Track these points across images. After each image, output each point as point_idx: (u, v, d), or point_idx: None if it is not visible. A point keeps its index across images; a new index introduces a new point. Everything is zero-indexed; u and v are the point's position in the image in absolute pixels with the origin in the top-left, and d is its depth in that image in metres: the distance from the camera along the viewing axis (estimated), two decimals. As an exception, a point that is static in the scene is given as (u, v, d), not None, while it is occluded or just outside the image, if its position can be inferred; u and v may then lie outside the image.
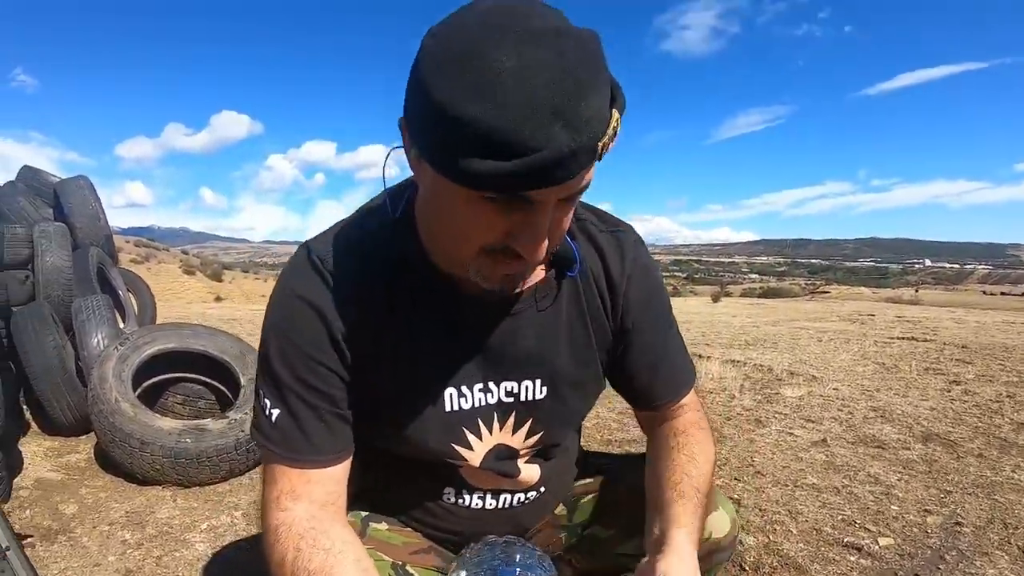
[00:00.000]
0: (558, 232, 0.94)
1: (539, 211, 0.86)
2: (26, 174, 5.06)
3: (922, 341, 7.56)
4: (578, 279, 1.18)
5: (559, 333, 1.18)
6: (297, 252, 1.12)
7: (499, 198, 0.83)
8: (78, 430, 3.56)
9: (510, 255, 0.91)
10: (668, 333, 1.29)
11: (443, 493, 1.27)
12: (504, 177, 0.76)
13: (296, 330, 1.06)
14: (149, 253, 79.08)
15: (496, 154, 0.75)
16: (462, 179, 0.80)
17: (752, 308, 18.54)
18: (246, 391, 3.35)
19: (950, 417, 4.14)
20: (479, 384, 1.16)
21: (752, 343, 7.75)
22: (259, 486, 2.93)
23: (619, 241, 1.21)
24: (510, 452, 1.23)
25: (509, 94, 0.74)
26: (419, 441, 1.16)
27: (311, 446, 1.07)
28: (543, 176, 0.77)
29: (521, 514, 1.32)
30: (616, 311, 1.21)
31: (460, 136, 0.77)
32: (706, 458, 1.21)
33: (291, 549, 1.00)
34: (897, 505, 2.73)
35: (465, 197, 0.85)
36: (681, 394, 1.29)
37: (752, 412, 4.33)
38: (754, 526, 2.54)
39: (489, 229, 0.88)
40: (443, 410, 1.15)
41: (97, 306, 3.73)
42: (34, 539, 2.44)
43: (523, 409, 1.20)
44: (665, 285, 1.32)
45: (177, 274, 66.78)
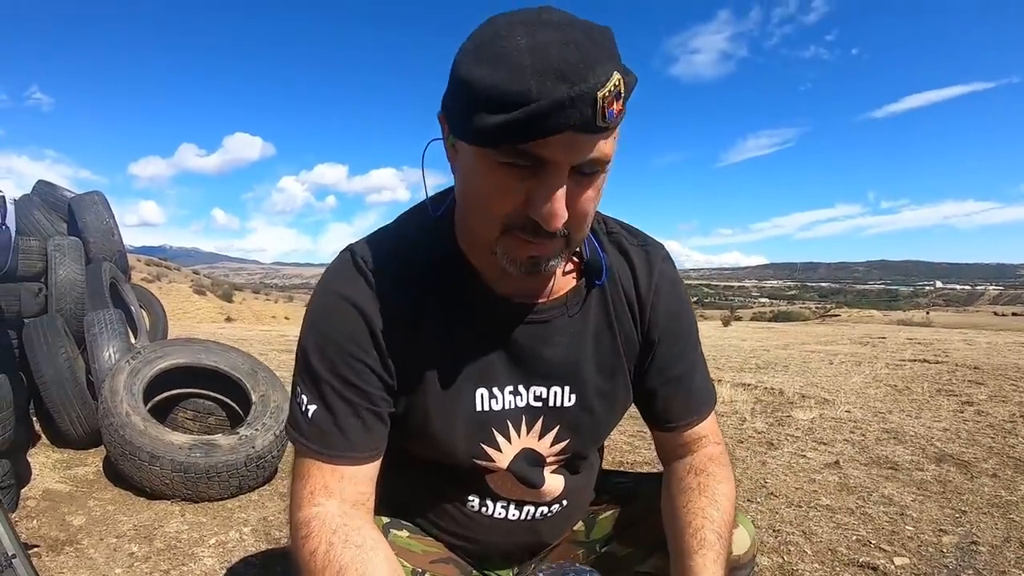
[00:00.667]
0: (579, 213, 0.95)
1: (552, 174, 0.89)
2: (42, 188, 5.09)
3: (934, 363, 7.52)
4: (607, 290, 1.19)
5: (587, 342, 1.19)
6: (340, 254, 1.15)
7: (516, 162, 0.89)
8: (87, 443, 3.55)
9: (530, 231, 0.94)
10: (692, 352, 1.28)
11: (467, 500, 1.26)
12: (506, 126, 0.83)
13: (337, 327, 1.08)
14: (160, 272, 79.47)
15: (501, 108, 0.83)
16: (474, 136, 0.88)
17: (763, 332, 18.49)
18: (257, 407, 3.35)
19: (963, 438, 4.11)
20: (509, 387, 1.17)
21: (763, 366, 7.72)
22: (269, 503, 2.93)
23: (648, 256, 1.23)
24: (537, 458, 1.22)
25: (518, 60, 0.83)
26: (449, 440, 1.16)
27: (347, 442, 1.08)
28: (541, 123, 0.82)
29: (543, 527, 1.31)
30: (643, 323, 1.22)
31: (472, 96, 0.86)
32: (728, 499, 1.19)
33: (323, 543, 0.99)
34: (912, 525, 2.71)
35: (488, 166, 0.91)
36: (701, 415, 1.27)
37: (764, 435, 4.31)
38: (768, 547, 2.51)
39: (508, 198, 0.93)
40: (473, 409, 1.15)
41: (109, 320, 3.74)
42: (40, 549, 2.43)
43: (551, 415, 1.20)
44: (691, 307, 1.31)
45: (188, 294, 67.05)
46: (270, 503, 2.98)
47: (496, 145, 0.87)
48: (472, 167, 0.95)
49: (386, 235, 1.17)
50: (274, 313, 64.11)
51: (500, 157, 0.89)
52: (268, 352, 8.43)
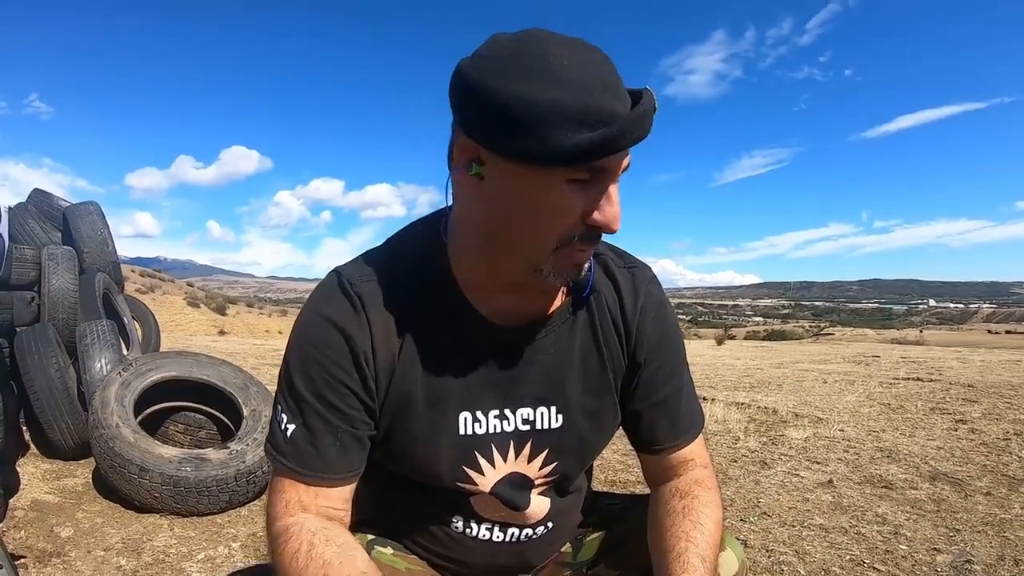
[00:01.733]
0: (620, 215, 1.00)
1: (611, 183, 0.96)
2: (37, 197, 5.08)
3: (927, 381, 7.53)
4: (594, 311, 1.19)
5: (574, 363, 1.18)
6: (327, 276, 1.15)
7: (580, 177, 0.93)
8: (77, 454, 3.53)
9: (587, 239, 1.00)
10: (678, 375, 1.27)
11: (452, 521, 1.25)
12: (601, 142, 0.88)
13: (320, 349, 1.08)
14: (154, 283, 79.24)
15: (587, 124, 0.87)
16: (560, 156, 0.89)
17: (756, 351, 18.51)
18: (248, 422, 3.33)
19: (957, 456, 4.11)
20: (495, 411, 1.16)
21: (756, 385, 7.72)
22: (259, 519, 2.91)
23: (635, 278, 1.24)
24: (524, 482, 1.21)
25: (575, 76, 0.88)
26: (431, 463, 1.16)
27: (323, 463, 1.08)
28: (627, 136, 0.89)
29: (528, 550, 1.30)
30: (629, 345, 1.22)
31: (542, 115, 0.87)
32: (713, 522, 1.17)
33: (304, 543, 1.00)
34: (906, 544, 2.70)
35: (549, 185, 0.94)
36: (687, 438, 1.27)
37: (757, 454, 4.30)
38: (761, 567, 2.50)
39: (570, 212, 0.96)
40: (456, 433, 1.15)
41: (102, 331, 3.72)
42: (27, 560, 2.40)
43: (539, 438, 1.19)
44: (680, 328, 1.31)
45: (181, 306, 66.85)
46: (260, 519, 2.96)
47: (580, 163, 0.91)
48: (523, 191, 0.95)
49: (375, 256, 1.17)
50: (267, 327, 63.98)
51: (571, 174, 0.92)
52: (261, 366, 8.40)
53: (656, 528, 1.19)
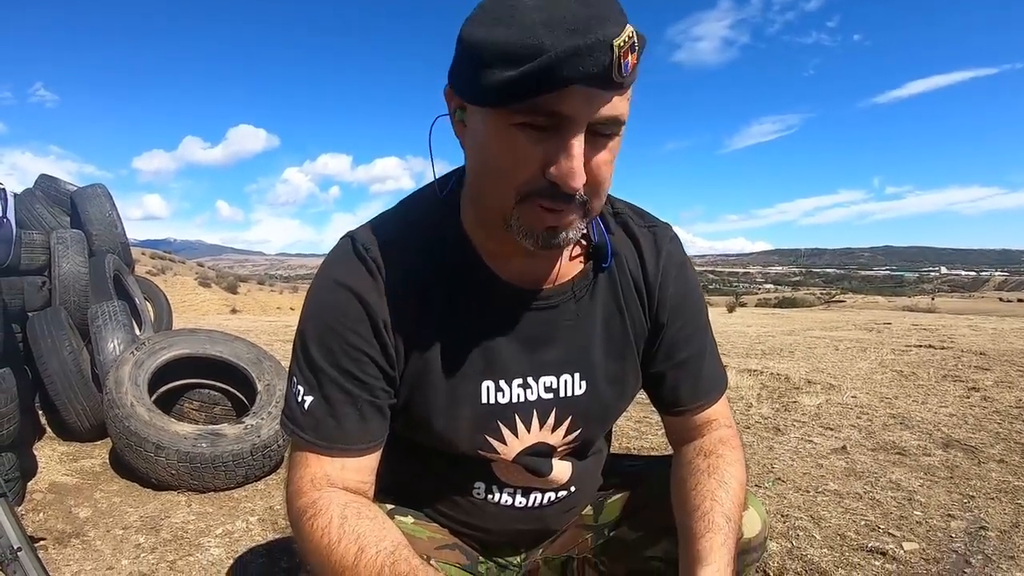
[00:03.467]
0: (596, 176, 0.93)
1: (570, 131, 0.87)
2: (44, 182, 5.08)
3: (939, 349, 7.50)
4: (615, 273, 1.17)
5: (596, 327, 1.17)
6: (340, 241, 1.12)
7: (532, 121, 0.87)
8: (93, 435, 3.56)
9: (548, 195, 0.91)
10: (701, 335, 1.26)
11: (473, 487, 1.24)
12: (520, 78, 0.82)
13: (337, 317, 1.05)
14: (165, 265, 79.49)
15: (513, 62, 0.83)
16: (486, 94, 0.87)
17: (768, 318, 18.47)
18: (262, 396, 3.35)
19: (970, 423, 4.10)
20: (518, 379, 1.14)
21: (768, 352, 7.71)
22: (275, 493, 2.93)
23: (656, 237, 1.21)
24: (547, 449, 1.21)
25: (528, 17, 0.82)
26: (452, 432, 1.14)
27: (344, 434, 1.07)
28: (557, 71, 0.81)
29: (549, 514, 1.30)
30: (651, 306, 1.20)
31: (482, 56, 0.86)
32: (738, 481, 1.17)
33: (336, 516, 0.98)
34: (920, 510, 2.70)
35: (503, 130, 0.89)
36: (710, 399, 1.26)
37: (770, 420, 4.30)
38: (777, 532, 2.50)
39: (525, 162, 0.90)
40: (479, 402, 1.13)
41: (114, 312, 3.73)
42: (47, 542, 2.42)
43: (563, 406, 1.18)
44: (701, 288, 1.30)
45: (192, 286, 67.06)
46: (277, 492, 2.98)
47: (510, 102, 0.86)
48: (485, 134, 0.93)
49: (388, 220, 1.15)
50: (279, 304, 64.19)
51: (516, 117, 0.87)
52: (273, 342, 8.44)
53: (680, 487, 1.18)
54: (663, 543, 1.24)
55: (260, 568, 2.31)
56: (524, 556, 1.39)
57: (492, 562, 1.35)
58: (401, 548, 0.96)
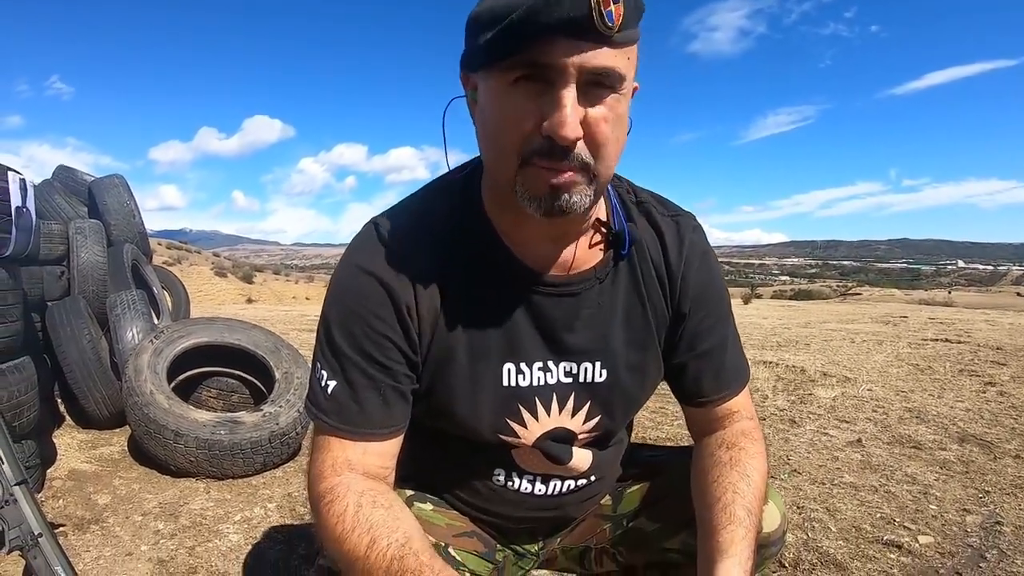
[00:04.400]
0: (596, 134, 0.92)
1: (559, 81, 0.88)
2: (61, 173, 5.11)
3: (956, 343, 7.45)
4: (636, 262, 1.17)
5: (617, 315, 1.17)
6: (363, 228, 1.13)
7: (523, 73, 0.89)
8: (112, 423, 3.60)
9: (546, 153, 0.92)
10: (723, 326, 1.26)
11: (493, 474, 1.25)
12: (502, 32, 0.87)
13: (360, 302, 1.06)
14: (181, 255, 79.73)
15: (496, 23, 0.87)
16: (480, 57, 0.93)
17: (783, 310, 18.37)
18: (280, 384, 3.37)
19: (986, 418, 4.09)
20: (539, 363, 1.15)
21: (784, 344, 7.68)
22: (293, 480, 2.95)
23: (679, 226, 1.21)
24: (567, 435, 1.21)
25: None
26: (473, 414, 1.15)
27: (367, 419, 1.07)
28: (533, 19, 0.83)
29: (569, 502, 1.30)
30: (673, 296, 1.20)
31: (479, 27, 0.91)
32: (759, 474, 1.16)
33: (351, 504, 0.99)
34: (936, 504, 2.69)
35: (500, 90, 0.93)
36: (732, 390, 1.25)
37: (786, 412, 4.29)
38: (793, 523, 2.51)
39: (522, 118, 0.91)
40: (500, 384, 1.14)
41: (132, 301, 3.76)
42: (67, 528, 2.46)
43: (583, 391, 1.18)
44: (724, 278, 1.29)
45: (209, 276, 67.24)
46: (295, 479, 3.00)
47: (498, 57, 0.90)
48: (487, 99, 0.96)
49: (410, 206, 1.15)
50: (295, 293, 64.29)
51: (509, 75, 0.90)
52: (289, 331, 8.46)
53: (701, 478, 1.19)
54: (682, 535, 1.24)
55: (278, 554, 2.33)
56: (542, 544, 1.39)
57: (510, 550, 1.36)
58: (412, 541, 0.96)
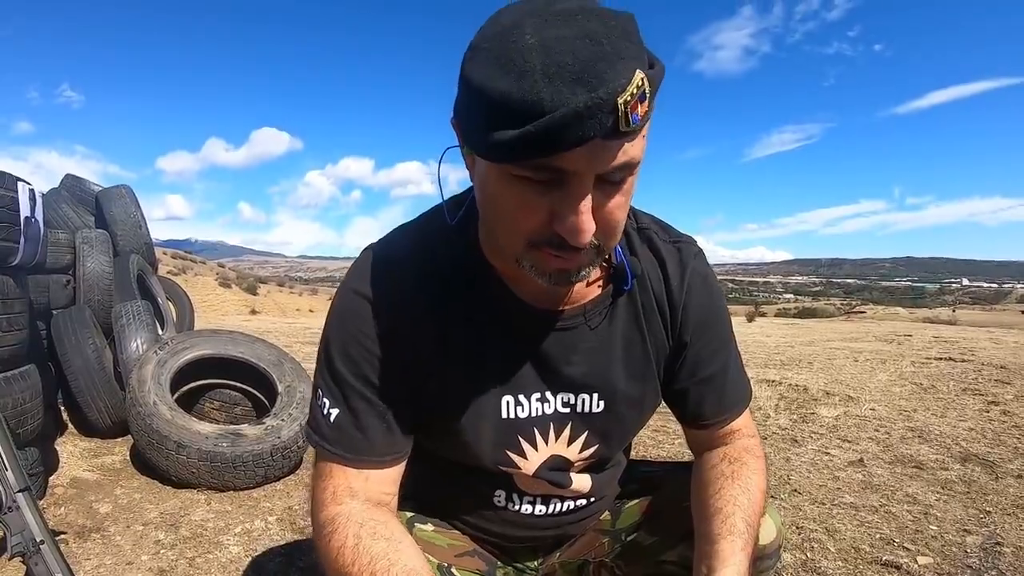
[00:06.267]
0: (609, 222, 0.89)
1: (576, 185, 0.83)
2: (69, 182, 5.14)
3: (960, 361, 7.44)
4: (636, 293, 1.17)
5: (616, 350, 1.17)
6: (362, 254, 1.13)
7: (535, 176, 0.83)
8: (114, 432, 3.61)
9: (556, 245, 0.88)
10: (724, 350, 1.26)
11: (494, 495, 1.26)
12: (519, 141, 0.76)
13: (360, 329, 1.07)
14: (186, 265, 79.89)
15: (512, 122, 0.76)
16: (491, 153, 0.82)
17: (787, 328, 18.35)
18: (283, 398, 3.38)
19: (989, 438, 4.07)
20: (536, 394, 1.15)
21: (787, 363, 7.67)
22: (294, 493, 2.95)
23: (680, 254, 1.20)
24: (564, 463, 1.22)
25: (530, 65, 0.75)
26: (473, 447, 1.16)
27: (369, 445, 1.08)
28: (558, 136, 0.75)
29: (569, 521, 1.31)
30: (675, 324, 1.20)
31: (487, 110, 0.79)
32: (759, 489, 1.17)
33: (351, 536, 1.00)
34: (936, 525, 2.69)
35: (506, 180, 0.86)
36: (733, 413, 1.26)
37: (788, 431, 4.28)
38: (791, 544, 2.50)
39: (532, 213, 0.87)
40: (499, 416, 1.14)
41: (137, 312, 3.78)
42: (68, 536, 2.46)
43: (579, 421, 1.19)
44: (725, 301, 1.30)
45: (213, 286, 67.38)
46: (295, 492, 3.01)
47: (511, 162, 0.82)
48: (490, 182, 0.90)
49: (410, 233, 1.15)
50: (298, 306, 64.30)
51: (517, 171, 0.83)
52: (292, 344, 8.48)
53: (702, 490, 1.19)
54: (680, 548, 1.25)
55: (278, 567, 2.33)
56: (541, 560, 1.40)
57: (511, 567, 1.37)
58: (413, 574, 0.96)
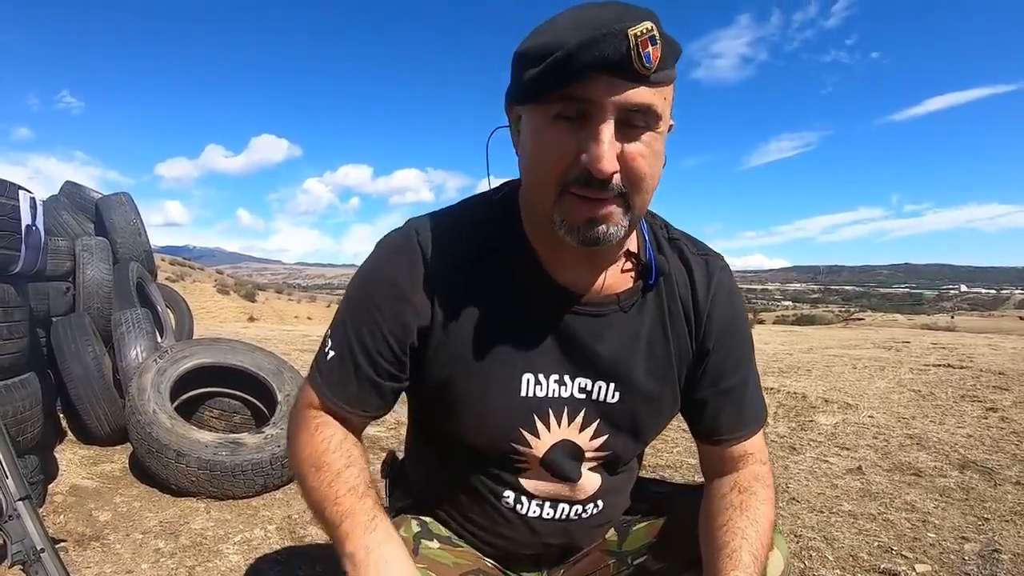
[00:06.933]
0: (632, 169, 0.97)
1: (597, 117, 0.93)
2: (69, 189, 5.15)
3: (958, 368, 7.44)
4: (663, 295, 1.20)
5: (639, 345, 1.19)
6: (403, 225, 1.19)
7: (564, 111, 0.95)
8: (114, 440, 3.61)
9: (583, 183, 0.97)
10: (745, 365, 1.28)
11: (502, 496, 1.25)
12: (545, 70, 0.93)
13: (372, 294, 1.14)
14: (184, 272, 79.82)
15: (541, 60, 0.93)
16: (524, 92, 0.99)
17: (786, 335, 18.33)
18: (282, 407, 3.38)
19: (987, 444, 4.08)
20: (555, 375, 1.17)
21: (786, 370, 7.67)
22: (293, 501, 2.96)
23: (708, 265, 1.25)
24: (575, 451, 1.23)
25: (559, 25, 0.94)
26: (489, 422, 1.18)
27: (344, 394, 1.18)
28: (575, 60, 0.89)
29: (576, 528, 1.30)
30: (699, 332, 1.23)
31: (523, 62, 0.97)
32: (767, 520, 1.19)
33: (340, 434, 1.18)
34: (934, 532, 2.69)
35: (541, 123, 0.99)
36: (750, 430, 1.27)
37: (786, 439, 4.29)
38: (790, 552, 2.50)
39: (562, 151, 0.97)
40: (518, 394, 1.16)
41: (137, 319, 3.78)
42: (67, 544, 2.46)
43: (593, 408, 1.20)
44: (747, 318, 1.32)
45: (211, 293, 67.32)
46: (295, 501, 3.01)
47: (541, 94, 0.95)
48: (530, 132, 1.01)
49: (449, 213, 1.21)
50: (297, 313, 64.25)
51: (551, 109, 0.96)
52: (291, 352, 8.47)
53: (710, 520, 1.21)
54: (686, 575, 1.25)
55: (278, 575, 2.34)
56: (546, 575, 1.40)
57: None
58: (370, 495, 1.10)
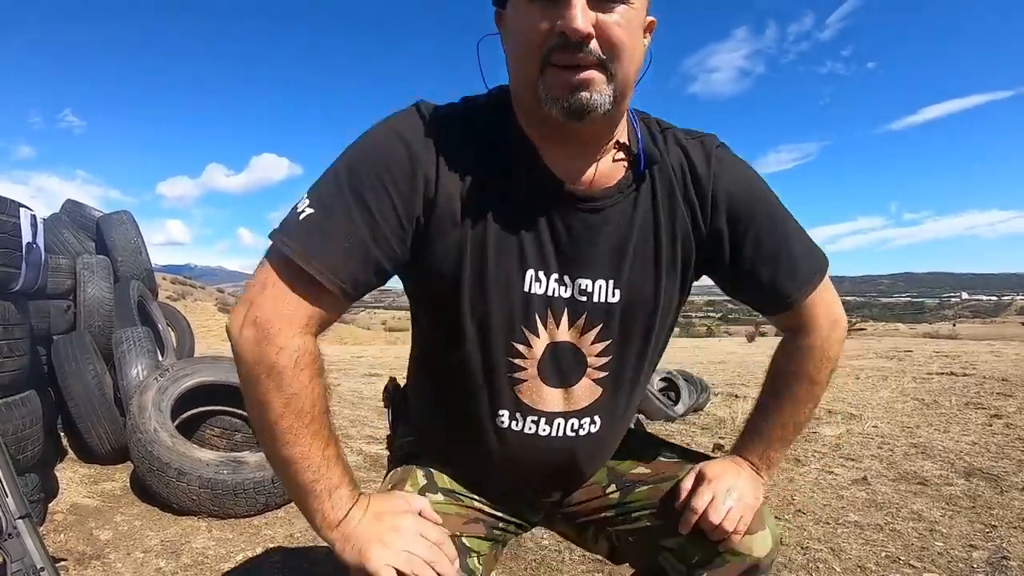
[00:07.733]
0: (608, 36, 1.03)
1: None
2: (70, 207, 5.16)
3: (961, 376, 7.41)
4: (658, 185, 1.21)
5: (634, 237, 1.20)
6: (407, 107, 1.17)
7: None
8: (115, 459, 3.59)
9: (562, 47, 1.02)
10: (779, 221, 1.28)
11: (498, 415, 1.23)
12: None
13: (380, 155, 1.09)
14: (185, 291, 79.87)
15: None
16: None
17: (787, 345, 18.32)
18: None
19: (992, 451, 4.06)
20: (555, 275, 1.18)
21: (788, 380, 7.64)
22: (295, 520, 2.94)
23: (703, 144, 1.26)
24: (577, 355, 1.22)
25: None
26: (491, 317, 1.16)
27: (327, 253, 1.04)
28: None
29: (577, 448, 1.28)
30: (705, 210, 1.23)
31: None
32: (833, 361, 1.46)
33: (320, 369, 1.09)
34: (941, 541, 2.67)
35: (520, 11, 1.06)
36: (812, 282, 1.30)
37: (791, 451, 4.26)
38: (797, 564, 2.49)
39: (540, 23, 1.02)
40: (520, 289, 1.16)
41: (137, 338, 3.78)
42: (68, 563, 2.45)
43: (594, 311, 1.20)
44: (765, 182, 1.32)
45: (212, 312, 67.31)
46: (297, 520, 2.99)
47: None
48: (512, 20, 1.09)
49: (450, 105, 1.20)
50: (297, 331, 64.16)
51: None
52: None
53: (774, 363, 1.48)
54: (680, 539, 1.28)
55: (280, 594, 2.32)
56: (542, 516, 1.43)
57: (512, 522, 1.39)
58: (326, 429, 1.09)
